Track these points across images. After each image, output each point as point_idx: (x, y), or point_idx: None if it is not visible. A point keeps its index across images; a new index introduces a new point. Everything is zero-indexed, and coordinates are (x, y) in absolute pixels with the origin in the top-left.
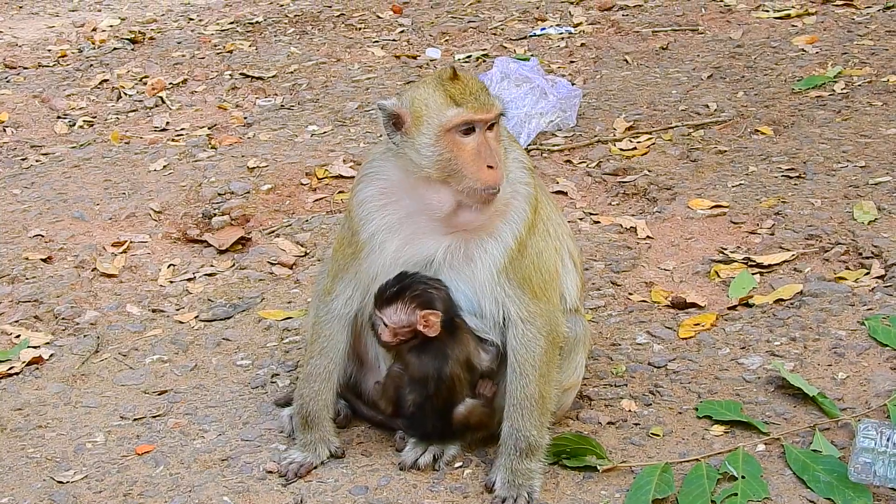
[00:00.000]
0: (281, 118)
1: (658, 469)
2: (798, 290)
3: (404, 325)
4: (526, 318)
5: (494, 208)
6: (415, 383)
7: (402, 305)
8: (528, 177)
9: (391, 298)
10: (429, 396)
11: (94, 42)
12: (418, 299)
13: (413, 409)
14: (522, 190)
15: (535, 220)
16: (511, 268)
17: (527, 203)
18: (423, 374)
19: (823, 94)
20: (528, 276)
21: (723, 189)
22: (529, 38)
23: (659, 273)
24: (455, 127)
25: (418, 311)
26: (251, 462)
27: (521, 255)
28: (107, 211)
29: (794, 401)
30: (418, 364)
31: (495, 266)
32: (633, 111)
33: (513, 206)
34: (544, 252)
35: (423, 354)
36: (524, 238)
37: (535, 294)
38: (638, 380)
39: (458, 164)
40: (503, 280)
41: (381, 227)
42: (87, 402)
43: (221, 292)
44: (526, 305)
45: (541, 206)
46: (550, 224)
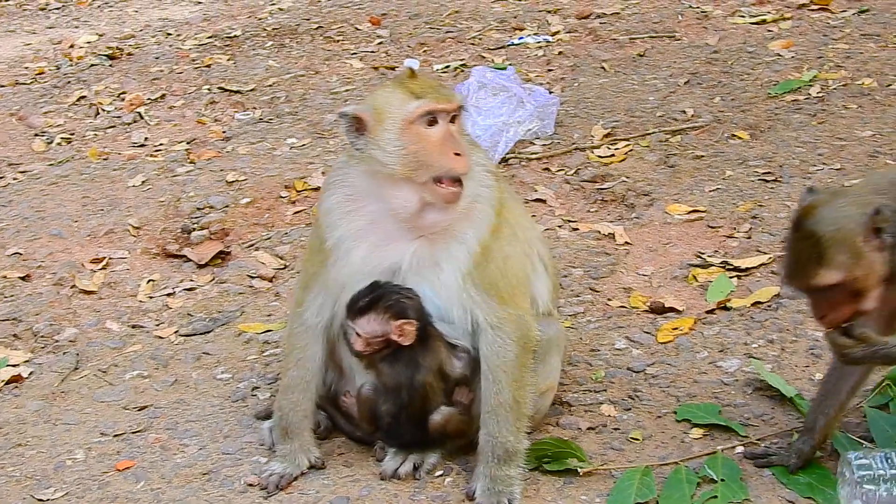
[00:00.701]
0: (259, 131)
1: (638, 473)
2: (775, 292)
3: (377, 334)
4: (495, 325)
5: (459, 208)
6: (388, 393)
7: (376, 315)
8: (491, 179)
9: (364, 308)
10: (403, 406)
11: (72, 59)
12: (392, 309)
13: (389, 419)
14: (486, 193)
15: (499, 223)
16: (476, 273)
17: (490, 206)
18: (395, 382)
19: (799, 98)
20: (494, 282)
21: (700, 194)
22: (507, 48)
23: (637, 278)
24: (418, 118)
25: (392, 321)
26: (232, 475)
27: (485, 259)
28: (85, 227)
29: (772, 402)
30: (391, 373)
31: (460, 270)
32: (610, 118)
33: (476, 209)
34: (511, 257)
35: (395, 363)
36: (488, 242)
37: (502, 299)
38: (617, 385)
39: (425, 154)
40: (469, 286)
41: (348, 234)
42: (67, 420)
43: (201, 306)
44: (494, 311)
45: (507, 209)
46: (519, 228)
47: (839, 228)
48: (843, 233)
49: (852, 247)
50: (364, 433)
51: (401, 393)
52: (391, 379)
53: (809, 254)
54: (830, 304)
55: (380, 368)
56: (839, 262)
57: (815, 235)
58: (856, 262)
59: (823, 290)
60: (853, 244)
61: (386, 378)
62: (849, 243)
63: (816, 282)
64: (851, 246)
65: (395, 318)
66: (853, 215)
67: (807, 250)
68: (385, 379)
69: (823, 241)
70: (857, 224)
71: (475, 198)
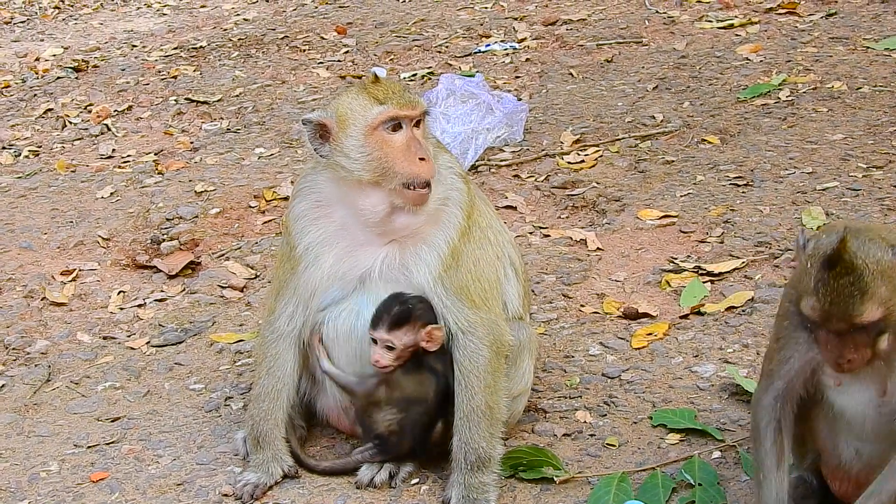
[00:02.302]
0: (227, 142)
1: (615, 479)
2: (749, 297)
3: (411, 345)
4: (466, 329)
5: (427, 211)
6: (403, 402)
7: (412, 325)
8: (460, 182)
9: (400, 321)
10: (422, 414)
11: (38, 72)
12: (423, 317)
13: (393, 428)
14: (455, 196)
15: (469, 226)
16: (447, 277)
17: (459, 208)
18: (417, 393)
19: (769, 102)
20: (465, 286)
21: (671, 199)
22: (474, 55)
23: (610, 284)
24: (381, 124)
25: (422, 329)
26: (207, 486)
27: (456, 263)
28: (55, 240)
29: (748, 407)
30: (410, 383)
31: (430, 274)
32: (579, 124)
33: (445, 212)
34: (482, 260)
35: (413, 372)
36: (458, 245)
37: (473, 303)
38: (592, 391)
39: (389, 161)
40: (440, 290)
41: (317, 240)
42: (40, 432)
43: (172, 317)
44: (465, 315)
45: (478, 213)
46: (490, 231)
47: (878, 262)
48: (882, 266)
49: (892, 280)
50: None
51: (419, 404)
52: (412, 390)
53: (851, 290)
54: (856, 346)
55: (398, 381)
56: (882, 296)
57: (856, 271)
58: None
59: (864, 327)
60: (892, 278)
61: (406, 389)
62: (888, 277)
63: (862, 318)
64: (891, 279)
65: (423, 325)
66: (889, 248)
67: (848, 287)
68: (406, 390)
69: (866, 276)
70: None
71: (444, 201)
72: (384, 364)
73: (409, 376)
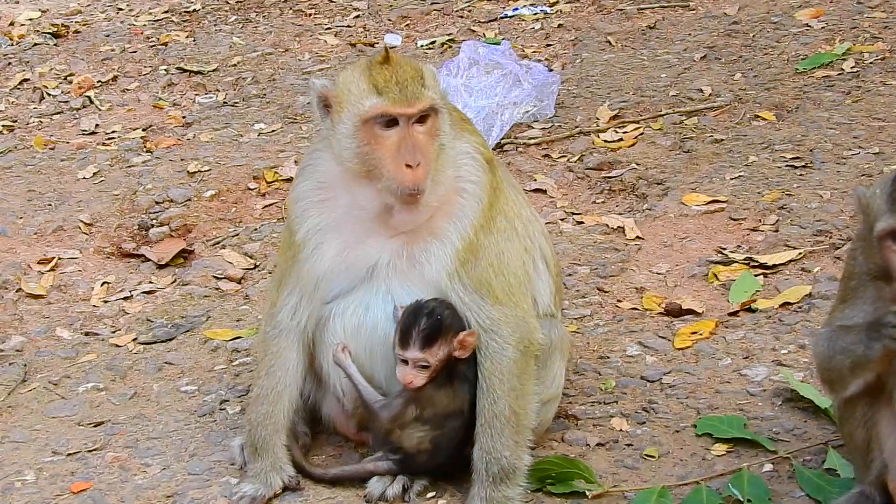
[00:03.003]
0: (224, 116)
1: (654, 494)
2: (806, 292)
3: (442, 357)
4: (488, 327)
5: (429, 209)
6: (436, 419)
7: (444, 337)
8: (480, 172)
9: (432, 336)
10: (458, 429)
11: (12, 37)
12: (453, 325)
13: (425, 446)
14: (471, 188)
15: (492, 217)
16: (464, 272)
17: (476, 200)
18: (454, 407)
19: (831, 74)
20: (486, 281)
21: (720, 182)
22: (500, 20)
23: (651, 277)
24: (373, 118)
25: (454, 338)
26: (199, 498)
27: (474, 256)
28: (31, 224)
29: (804, 415)
30: (447, 397)
31: (445, 269)
32: (617, 98)
33: (459, 205)
34: (507, 253)
35: (446, 385)
36: (474, 239)
37: (497, 299)
38: (630, 396)
39: (377, 159)
40: (457, 286)
41: (319, 226)
42: (15, 437)
43: (162, 311)
44: (487, 313)
45: (504, 201)
46: (518, 221)
47: None
48: None
49: None
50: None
51: (455, 418)
52: (445, 405)
53: None
54: None
55: (427, 398)
56: None
57: None
58: None
59: None
60: None
61: (436, 406)
62: None
63: None
64: None
65: (455, 333)
66: None
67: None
68: (434, 408)
69: None
70: None
71: (459, 192)
72: (418, 384)
73: (440, 390)
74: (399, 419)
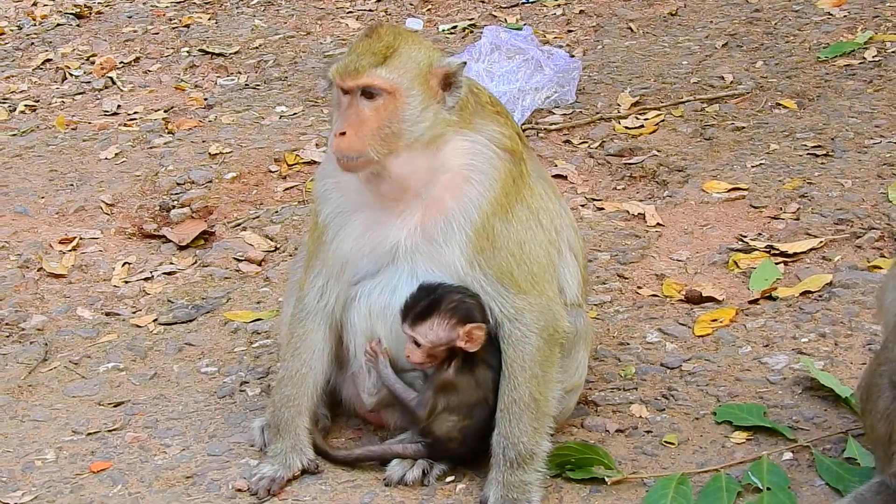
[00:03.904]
0: (245, 98)
1: (673, 481)
2: (827, 280)
3: (442, 342)
4: (512, 316)
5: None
6: (466, 409)
7: (440, 321)
8: (495, 159)
9: (423, 314)
10: (486, 419)
11: (35, 18)
12: (457, 312)
13: (454, 434)
14: (479, 177)
15: (507, 207)
16: (483, 260)
17: (484, 189)
18: (477, 396)
19: (853, 63)
20: (507, 270)
21: (741, 170)
22: (522, 6)
23: (671, 264)
24: (332, 83)
25: (459, 327)
26: (219, 479)
27: (491, 245)
28: (53, 204)
29: (824, 403)
30: (471, 384)
31: (461, 251)
32: (639, 85)
33: (465, 190)
34: (529, 242)
35: (468, 373)
36: (486, 225)
37: (520, 288)
38: (649, 383)
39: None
40: (478, 275)
41: (340, 208)
42: (36, 416)
43: (182, 292)
44: (511, 301)
45: (529, 194)
46: (544, 214)
47: None
48: None
49: None
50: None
51: (481, 407)
52: (471, 393)
53: None
54: None
55: (451, 385)
56: None
57: None
58: None
59: None
60: None
61: (466, 392)
62: None
63: None
64: None
65: (461, 322)
66: None
67: None
68: (464, 394)
69: None
70: None
71: (467, 179)
72: (415, 361)
73: (463, 377)
74: (434, 411)
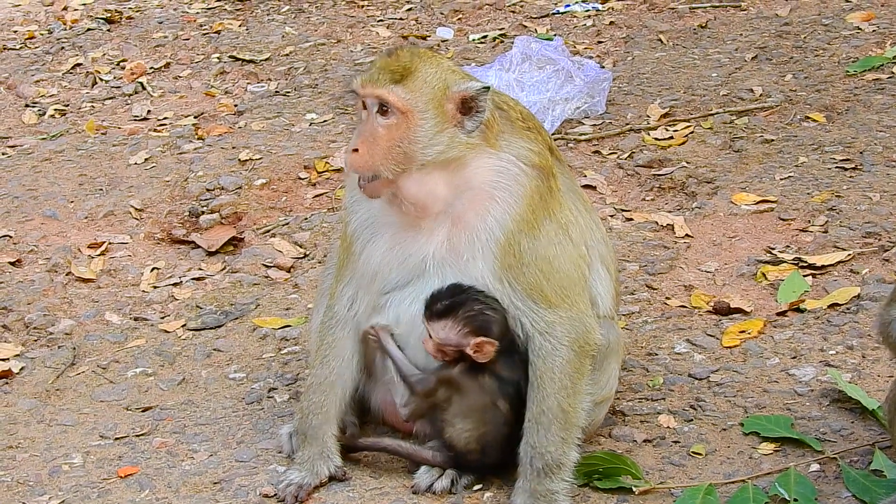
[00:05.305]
0: (275, 105)
1: (700, 491)
2: (855, 293)
3: (451, 344)
4: (543, 330)
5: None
6: (473, 413)
7: (454, 324)
8: (521, 174)
9: (442, 313)
10: (500, 426)
11: (66, 22)
12: (473, 323)
13: (472, 446)
14: (502, 195)
15: (533, 223)
16: (511, 276)
17: (508, 206)
18: (482, 401)
19: (882, 77)
20: (537, 286)
21: (770, 182)
22: (552, 16)
23: (699, 275)
24: (353, 93)
25: (471, 337)
26: (246, 485)
27: (518, 262)
28: (82, 209)
29: (852, 416)
30: (474, 389)
31: (487, 266)
32: (668, 96)
33: (489, 207)
34: (557, 258)
35: (473, 376)
36: (511, 241)
37: (550, 303)
38: (677, 393)
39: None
40: (508, 291)
41: (369, 220)
42: (63, 420)
43: (211, 298)
44: (542, 316)
45: (559, 209)
46: (574, 228)
47: None
48: None
49: None
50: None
51: (488, 413)
52: (475, 397)
53: None
54: None
55: (456, 382)
56: None
57: None
58: None
59: None
60: None
61: (465, 394)
62: None
63: None
64: None
65: (474, 333)
66: None
67: None
68: (463, 395)
69: None
70: None
71: (491, 196)
72: (427, 349)
73: (468, 378)
74: (431, 396)
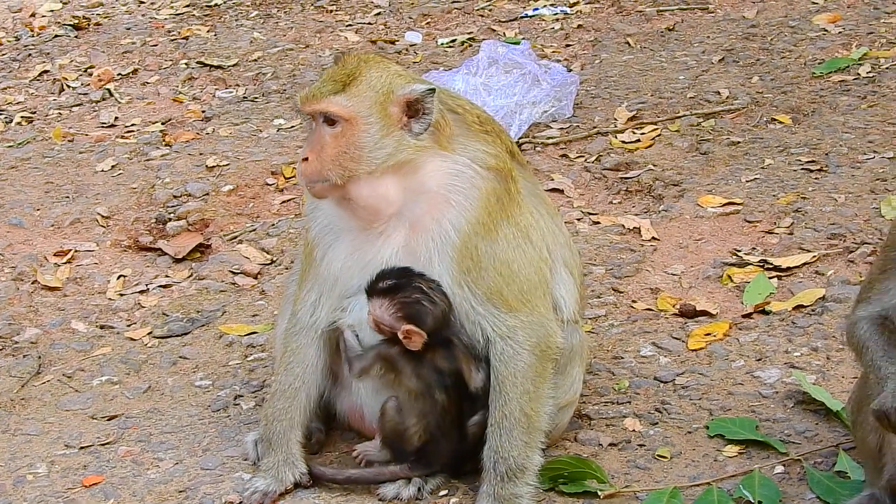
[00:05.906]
0: (243, 111)
1: (665, 494)
2: (820, 295)
3: (385, 324)
4: (504, 334)
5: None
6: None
7: (389, 305)
8: (477, 177)
9: (381, 292)
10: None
11: (33, 29)
12: (406, 309)
13: (424, 438)
14: (457, 198)
15: (490, 226)
16: (470, 280)
17: (463, 210)
18: (423, 386)
19: (847, 79)
20: (496, 290)
21: (736, 184)
22: (520, 20)
23: (665, 278)
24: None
25: (403, 323)
26: (212, 493)
27: (476, 266)
28: (48, 216)
29: (816, 417)
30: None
31: (446, 272)
32: (635, 99)
33: (444, 211)
34: (516, 262)
35: (419, 363)
36: (467, 244)
37: (510, 307)
38: (643, 396)
39: None
40: (468, 296)
41: (329, 226)
42: (28, 430)
43: (178, 305)
44: (502, 321)
45: (518, 213)
46: (533, 231)
47: None
48: None
49: None
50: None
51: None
52: (417, 383)
53: None
54: None
55: (393, 362)
56: None
57: None
58: None
59: None
60: None
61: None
62: None
63: None
64: None
65: (406, 319)
66: None
67: None
68: (400, 378)
69: None
70: None
71: (447, 199)
72: (368, 322)
73: (406, 362)
74: (366, 372)
